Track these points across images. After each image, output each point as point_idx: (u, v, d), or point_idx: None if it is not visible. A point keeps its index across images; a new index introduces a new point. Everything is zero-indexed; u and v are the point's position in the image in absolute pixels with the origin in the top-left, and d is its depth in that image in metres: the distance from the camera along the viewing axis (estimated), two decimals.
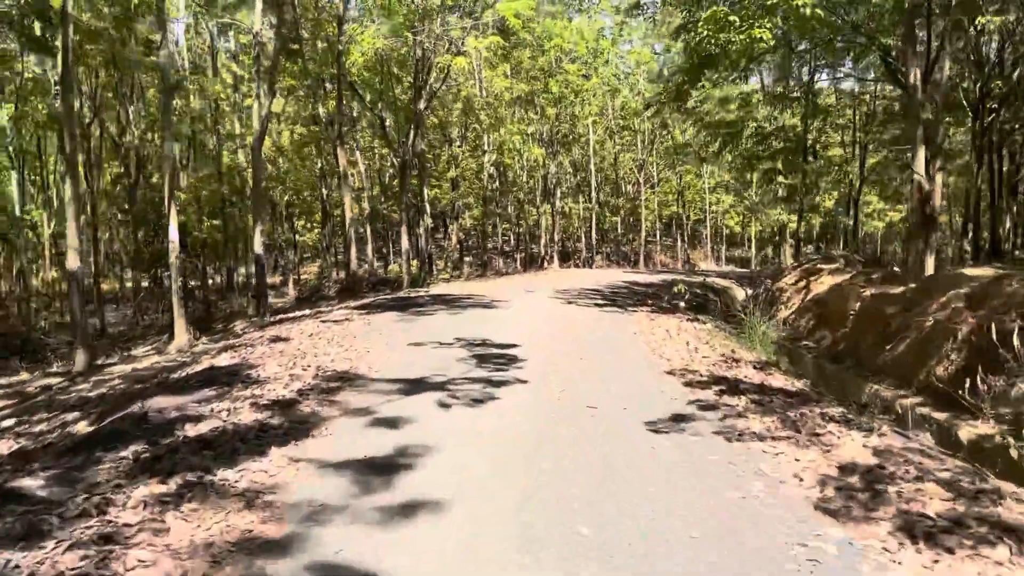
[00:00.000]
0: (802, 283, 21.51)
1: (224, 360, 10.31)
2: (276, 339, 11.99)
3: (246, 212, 27.55)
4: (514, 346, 10.83)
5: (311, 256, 52.91)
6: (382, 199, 41.49)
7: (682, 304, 17.25)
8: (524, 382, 8.47)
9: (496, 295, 18.96)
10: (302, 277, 42.98)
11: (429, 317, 14.31)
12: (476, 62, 25.65)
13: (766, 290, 23.92)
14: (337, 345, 11.01)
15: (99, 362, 15.52)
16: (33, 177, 35.55)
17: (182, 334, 15.30)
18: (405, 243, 29.18)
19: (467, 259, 55.47)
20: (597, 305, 16.86)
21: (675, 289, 18.27)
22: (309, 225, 47.27)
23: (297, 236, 48.03)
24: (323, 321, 13.98)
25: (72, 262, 15.23)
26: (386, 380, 8.58)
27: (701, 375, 8.95)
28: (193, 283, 30.11)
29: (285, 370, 9.13)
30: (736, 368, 9.66)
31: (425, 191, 40.14)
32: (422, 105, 28.23)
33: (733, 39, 16.22)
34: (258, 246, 18.79)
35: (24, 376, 15.88)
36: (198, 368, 10.04)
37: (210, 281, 36.03)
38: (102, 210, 32.67)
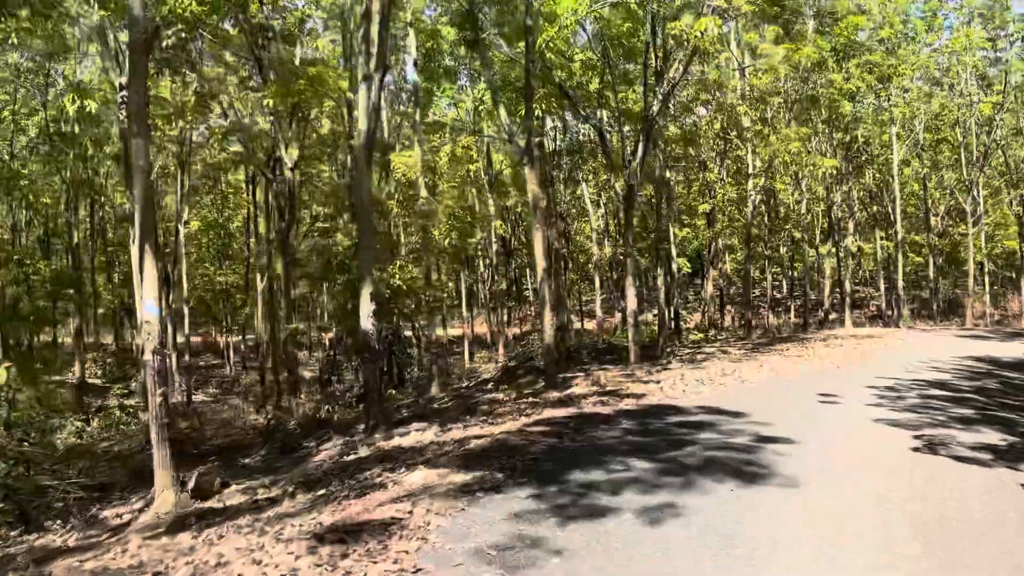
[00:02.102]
0: None
1: None
2: None
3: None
4: None
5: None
6: (597, 237, 33.36)
7: None
8: None
9: (767, 409, 10.09)
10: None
11: (586, 527, 5.87)
12: (734, 34, 16.87)
13: None
14: None
15: None
16: None
17: (166, 490, 8.34)
18: (631, 299, 20.83)
19: (728, 311, 45.77)
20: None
21: None
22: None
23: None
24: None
25: None
26: None
27: None
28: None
29: None
30: None
31: (672, 230, 31.64)
32: (655, 107, 20.01)
33: None
34: (365, 318, 11.63)
35: None
36: None
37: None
38: None
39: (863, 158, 37.93)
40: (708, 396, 11.75)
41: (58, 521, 9.19)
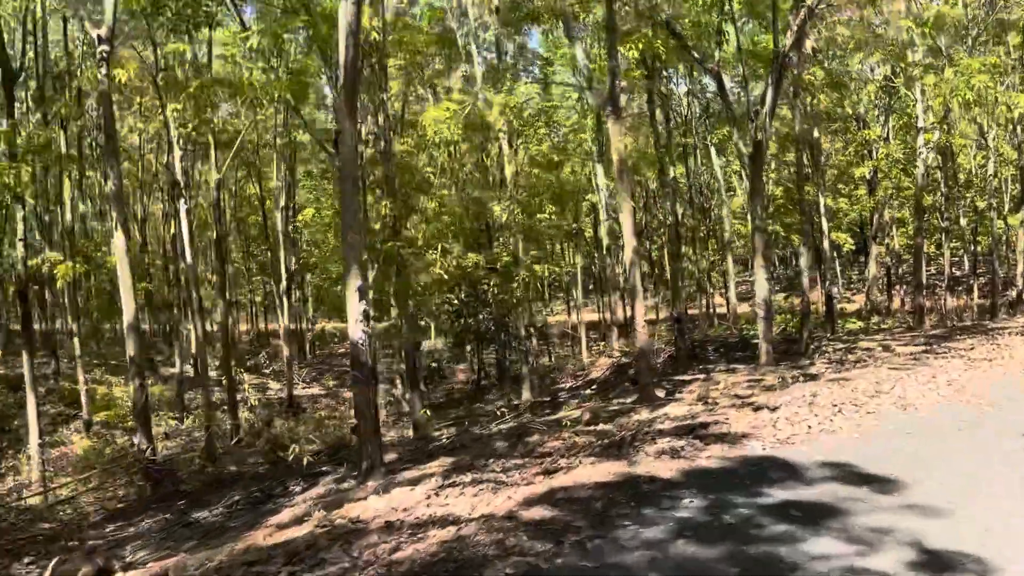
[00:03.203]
0: None
1: None
2: None
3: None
4: None
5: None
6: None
7: None
8: None
9: (943, 474, 6.10)
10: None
11: None
12: None
13: None
14: None
15: None
16: None
17: None
18: (761, 284, 16.56)
19: (896, 293, 39.45)
20: None
21: None
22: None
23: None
24: None
25: None
26: None
27: None
28: None
29: None
30: None
31: (821, 199, 26.60)
32: (787, 40, 15.61)
33: None
34: (353, 324, 8.50)
35: None
36: None
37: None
38: None
39: None
40: (844, 439, 7.71)
41: None
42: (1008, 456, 6.75)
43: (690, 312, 39.94)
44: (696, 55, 17.50)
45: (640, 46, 16.03)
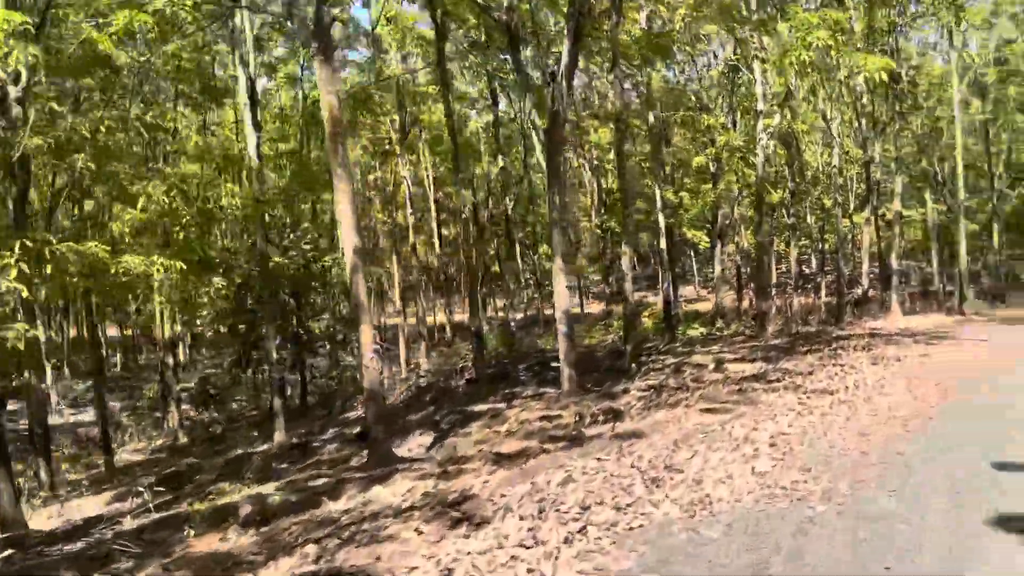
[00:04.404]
0: None
1: None
2: None
3: None
4: None
5: None
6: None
7: None
8: None
9: None
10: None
11: None
12: None
13: None
14: None
15: None
16: None
17: None
18: (562, 294, 13.01)
19: (746, 294, 37.65)
20: None
21: None
22: None
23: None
24: None
25: None
26: None
27: None
28: None
29: None
30: None
31: (658, 191, 23.62)
32: None
33: None
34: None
35: None
36: None
37: None
38: None
39: (907, 103, 29.35)
40: None
41: None
42: None
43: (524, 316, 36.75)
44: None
45: None
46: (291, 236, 22.34)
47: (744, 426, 8.60)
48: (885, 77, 14.03)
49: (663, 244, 23.56)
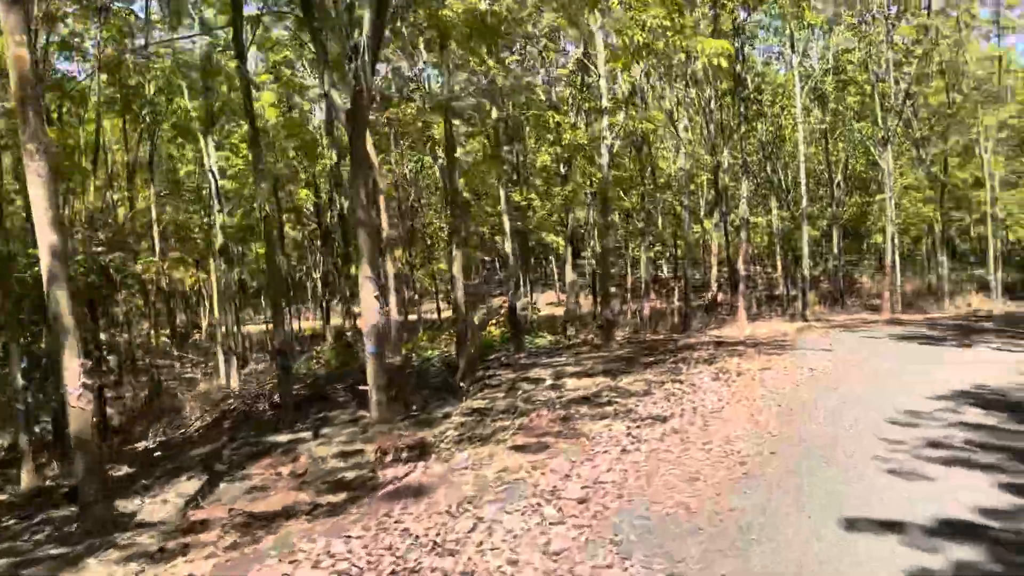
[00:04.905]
0: None
1: None
2: None
3: None
4: None
5: None
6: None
7: None
8: None
9: None
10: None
11: None
12: None
13: None
14: None
15: None
16: None
17: None
18: (370, 305, 11.09)
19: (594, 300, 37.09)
20: None
21: None
22: None
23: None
24: None
25: None
26: None
27: None
28: None
29: None
30: None
31: (503, 192, 22.13)
32: None
33: None
34: None
35: None
36: None
37: None
38: None
39: (752, 109, 29.45)
40: None
41: None
42: None
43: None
44: None
45: None
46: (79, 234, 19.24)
47: (556, 471, 7.01)
48: (724, 63, 13.07)
49: (508, 248, 22.08)
